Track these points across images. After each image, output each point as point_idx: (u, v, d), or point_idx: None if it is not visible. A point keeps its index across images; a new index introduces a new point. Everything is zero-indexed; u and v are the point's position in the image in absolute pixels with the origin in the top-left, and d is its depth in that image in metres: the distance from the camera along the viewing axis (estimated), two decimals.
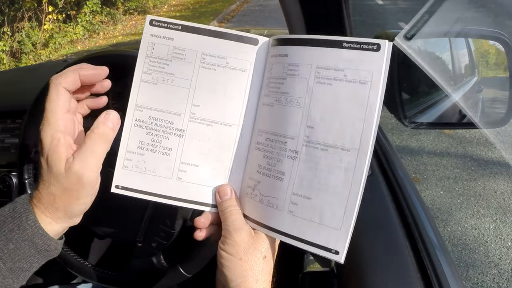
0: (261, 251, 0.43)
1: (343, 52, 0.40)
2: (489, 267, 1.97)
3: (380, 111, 0.38)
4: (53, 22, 7.17)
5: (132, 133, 0.46)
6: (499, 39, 0.69)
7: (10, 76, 1.52)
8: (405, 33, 0.37)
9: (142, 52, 0.46)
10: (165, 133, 0.46)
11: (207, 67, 0.46)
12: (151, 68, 0.46)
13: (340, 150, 0.39)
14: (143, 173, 0.46)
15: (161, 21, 0.46)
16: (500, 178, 2.59)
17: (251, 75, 0.46)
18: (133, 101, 0.46)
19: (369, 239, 0.57)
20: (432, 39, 0.39)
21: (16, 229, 0.39)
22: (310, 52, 0.42)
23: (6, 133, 1.02)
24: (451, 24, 0.36)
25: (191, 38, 0.46)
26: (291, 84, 0.43)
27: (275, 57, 0.45)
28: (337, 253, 0.39)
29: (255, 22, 7.91)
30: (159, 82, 0.46)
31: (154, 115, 0.46)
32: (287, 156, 0.42)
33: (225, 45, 0.46)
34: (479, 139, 3.01)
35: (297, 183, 0.41)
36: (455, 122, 0.86)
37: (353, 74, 0.39)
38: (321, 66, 0.41)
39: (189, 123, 0.46)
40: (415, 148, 2.99)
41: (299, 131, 0.41)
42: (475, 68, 0.80)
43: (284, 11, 0.73)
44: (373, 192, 0.64)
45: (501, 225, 2.22)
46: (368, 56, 0.39)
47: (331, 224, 0.39)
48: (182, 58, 0.46)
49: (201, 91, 0.46)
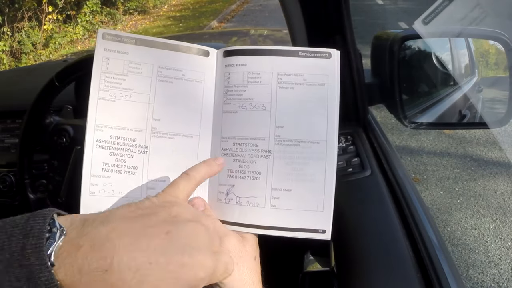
0: (251, 253, 0.43)
1: (300, 60, 0.45)
2: (489, 267, 1.97)
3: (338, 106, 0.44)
4: (53, 22, 7.17)
5: (95, 155, 0.43)
6: (499, 39, 0.69)
7: (10, 76, 1.52)
8: (423, 18, 0.39)
9: (96, 68, 0.44)
10: (128, 151, 0.44)
11: (164, 80, 0.45)
12: (107, 85, 0.44)
13: (311, 143, 0.44)
14: (112, 196, 0.43)
15: (114, 35, 0.44)
16: (500, 178, 2.59)
17: (207, 86, 0.47)
18: (92, 121, 0.43)
19: (369, 239, 0.57)
20: (433, 39, 0.39)
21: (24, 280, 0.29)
22: (269, 60, 0.46)
23: (6, 133, 1.02)
24: (470, 11, 0.37)
25: (146, 51, 0.45)
26: (254, 91, 0.45)
27: (231, 66, 0.46)
28: (324, 231, 0.43)
29: (255, 22, 7.91)
30: (117, 99, 0.44)
31: (115, 133, 0.44)
32: (260, 156, 0.45)
33: (180, 58, 0.46)
34: (479, 139, 3.01)
35: (276, 178, 0.44)
36: (455, 122, 0.86)
37: (311, 78, 0.45)
38: (281, 73, 0.45)
39: (151, 138, 0.44)
40: (415, 148, 2.99)
41: (269, 132, 0.45)
42: (475, 68, 0.80)
43: (284, 11, 0.73)
44: (373, 192, 0.64)
45: (501, 225, 2.22)
46: (322, 63, 0.45)
47: (314, 208, 0.43)
48: (139, 72, 0.44)
49: (161, 104, 0.45)
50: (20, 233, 0.29)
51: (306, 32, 0.72)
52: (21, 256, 0.28)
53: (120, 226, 0.31)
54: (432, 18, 0.39)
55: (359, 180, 0.66)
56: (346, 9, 0.67)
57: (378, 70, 0.80)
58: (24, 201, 0.82)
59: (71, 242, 0.29)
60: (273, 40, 2.01)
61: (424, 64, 0.82)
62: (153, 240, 0.31)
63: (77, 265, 0.29)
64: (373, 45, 0.81)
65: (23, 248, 0.28)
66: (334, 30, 0.70)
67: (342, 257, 0.58)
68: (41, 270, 0.28)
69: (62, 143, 0.79)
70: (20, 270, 0.28)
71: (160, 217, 0.33)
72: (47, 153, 0.82)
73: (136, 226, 0.32)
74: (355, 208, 0.62)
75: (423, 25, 0.39)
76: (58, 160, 0.80)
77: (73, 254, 0.29)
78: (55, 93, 0.78)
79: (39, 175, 0.83)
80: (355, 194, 0.64)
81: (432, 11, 0.38)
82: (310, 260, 0.73)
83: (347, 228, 0.59)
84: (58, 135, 0.79)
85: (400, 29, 0.81)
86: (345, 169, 0.69)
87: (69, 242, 0.29)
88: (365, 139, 0.76)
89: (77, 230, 0.30)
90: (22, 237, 0.28)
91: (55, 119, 0.82)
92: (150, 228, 0.32)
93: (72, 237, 0.30)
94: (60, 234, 0.29)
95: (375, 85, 0.79)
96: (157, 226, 0.32)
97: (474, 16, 0.37)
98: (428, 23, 0.39)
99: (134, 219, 0.32)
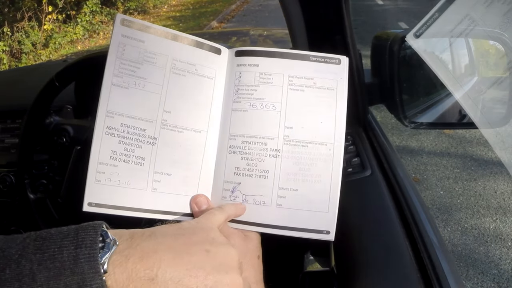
0: (254, 251, 0.44)
1: (311, 64, 0.47)
2: (489, 267, 1.97)
3: (345, 111, 0.46)
4: (53, 22, 7.16)
5: (104, 142, 0.42)
6: (499, 39, 0.69)
7: (10, 76, 1.52)
8: (415, 32, 0.39)
9: (112, 52, 0.43)
10: (137, 141, 0.43)
11: (178, 73, 0.45)
12: (122, 71, 0.43)
13: (318, 145, 0.45)
14: (117, 186, 0.42)
15: (133, 22, 0.44)
16: (500, 178, 2.59)
17: (217, 83, 0.47)
18: (104, 107, 0.42)
19: (369, 239, 0.57)
20: (434, 39, 0.40)
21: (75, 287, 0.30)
22: (281, 63, 0.47)
23: (6, 133, 1.02)
24: (458, 22, 0.37)
25: (162, 42, 0.45)
26: (266, 91, 0.46)
27: (243, 66, 0.47)
28: (328, 232, 0.44)
29: (255, 22, 7.91)
30: (130, 87, 0.43)
31: (126, 122, 0.43)
32: (269, 155, 0.45)
33: (194, 52, 0.46)
34: (479, 139, 3.00)
35: (283, 178, 0.45)
36: (455, 122, 0.86)
37: (321, 82, 0.46)
38: (292, 75, 0.47)
39: (161, 130, 0.44)
40: (415, 148, 2.99)
41: (278, 132, 0.45)
42: (475, 68, 0.80)
43: (284, 11, 0.73)
44: (373, 192, 0.64)
45: (501, 225, 2.22)
46: (332, 68, 0.47)
47: (319, 209, 0.44)
48: (153, 62, 0.44)
49: (172, 97, 0.45)
50: (70, 243, 0.31)
51: (306, 33, 0.72)
52: (73, 265, 0.30)
53: (165, 241, 0.35)
54: (423, 31, 0.39)
55: (359, 180, 0.66)
56: (346, 9, 0.67)
57: (378, 70, 0.80)
58: (24, 201, 0.82)
59: (121, 253, 0.32)
60: (273, 40, 2.01)
61: (424, 64, 0.82)
62: (194, 256, 0.35)
63: (127, 274, 0.31)
64: (373, 45, 0.81)
65: (76, 258, 0.30)
66: (334, 30, 0.70)
67: (342, 257, 0.58)
68: (94, 277, 0.30)
69: (62, 143, 0.79)
70: (72, 277, 0.30)
71: (200, 238, 0.37)
72: (47, 153, 0.82)
73: (180, 243, 0.35)
74: (355, 208, 0.62)
75: (415, 38, 0.40)
76: (58, 160, 0.81)
77: (123, 263, 0.32)
78: (55, 93, 0.78)
79: (39, 175, 0.83)
80: (355, 194, 0.64)
81: (423, 24, 0.39)
82: (310, 260, 0.73)
83: (347, 228, 0.59)
84: (58, 135, 0.79)
85: (400, 29, 0.81)
86: (345, 169, 0.69)
87: (120, 253, 0.32)
88: (365, 139, 0.76)
89: (127, 242, 0.33)
90: (74, 247, 0.31)
91: (55, 119, 0.82)
92: (191, 246, 0.36)
93: (123, 248, 0.32)
94: (112, 245, 0.32)
95: (375, 85, 0.79)
96: (197, 245, 0.36)
97: (464, 27, 0.37)
98: (419, 36, 0.39)
99: (177, 236, 0.36)
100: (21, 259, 0.30)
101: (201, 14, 9.08)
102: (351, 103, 0.77)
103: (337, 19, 0.68)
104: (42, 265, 0.30)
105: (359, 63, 0.74)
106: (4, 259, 0.30)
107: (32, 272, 0.29)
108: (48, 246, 0.30)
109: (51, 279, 0.29)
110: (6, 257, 0.30)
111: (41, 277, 0.29)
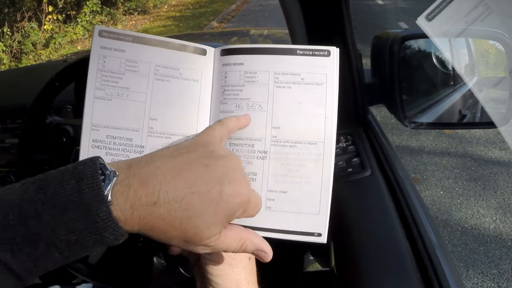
0: (245, 253, 0.43)
1: (298, 58, 0.44)
2: (489, 267, 1.97)
3: (337, 106, 0.43)
4: (53, 22, 7.17)
5: (90, 155, 0.42)
6: (499, 39, 0.69)
7: (10, 76, 1.52)
8: (427, 14, 0.39)
9: (93, 65, 0.43)
10: (124, 151, 0.43)
11: (161, 79, 0.44)
12: (104, 83, 0.43)
13: (308, 145, 0.43)
14: None
15: (111, 32, 0.43)
16: (500, 178, 2.59)
17: (204, 85, 0.46)
18: (88, 121, 0.43)
19: (369, 239, 0.57)
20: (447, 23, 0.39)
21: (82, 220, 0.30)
22: (266, 59, 0.45)
23: (6, 133, 1.02)
24: (474, 7, 0.36)
25: (143, 49, 0.44)
26: (251, 90, 0.45)
27: (228, 65, 0.46)
28: (320, 235, 0.42)
29: (255, 22, 7.91)
30: (113, 98, 0.43)
31: (111, 133, 0.43)
32: (256, 157, 0.44)
33: (177, 56, 0.45)
34: (479, 139, 3.01)
35: (271, 180, 0.43)
36: (455, 122, 0.86)
37: (309, 77, 0.44)
38: (278, 72, 0.44)
39: (148, 138, 0.44)
40: (415, 148, 2.99)
41: (266, 132, 0.44)
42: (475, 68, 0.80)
43: (284, 11, 0.73)
44: (373, 192, 0.64)
45: (501, 225, 2.22)
46: (321, 61, 0.44)
47: (310, 211, 0.42)
48: (136, 71, 0.44)
49: (157, 104, 0.44)
50: (71, 177, 0.30)
51: (306, 33, 0.72)
52: (77, 198, 0.29)
53: (163, 164, 0.34)
54: (436, 15, 0.38)
55: (359, 180, 0.66)
56: (346, 9, 0.67)
57: (378, 70, 0.80)
58: None
59: (121, 183, 0.32)
60: (273, 40, 2.01)
61: (424, 64, 0.82)
62: (194, 173, 0.34)
63: (129, 202, 0.31)
64: (373, 45, 0.81)
65: (79, 190, 0.30)
66: (334, 30, 0.70)
67: (342, 257, 0.58)
68: (99, 206, 0.30)
69: (62, 143, 0.79)
70: (77, 210, 0.29)
71: (199, 153, 0.36)
72: (47, 153, 0.82)
73: (178, 162, 0.35)
74: (355, 208, 0.62)
75: (426, 22, 0.39)
76: (58, 160, 0.80)
77: (125, 192, 0.31)
78: (55, 93, 0.78)
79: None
80: (355, 194, 0.64)
81: (435, 7, 0.38)
82: (310, 260, 0.73)
83: (347, 228, 0.59)
84: (58, 135, 0.79)
85: (400, 29, 0.81)
86: (345, 169, 0.69)
87: (120, 183, 0.32)
88: (365, 139, 0.76)
89: (125, 172, 0.33)
90: (75, 181, 0.30)
91: (55, 119, 0.82)
92: (190, 163, 0.35)
93: (122, 179, 0.32)
94: (113, 176, 0.32)
95: (375, 85, 0.79)
96: (196, 161, 0.35)
97: (478, 13, 0.36)
98: (432, 20, 0.38)
99: (175, 157, 0.35)
100: (23, 202, 0.29)
101: (201, 14, 9.08)
102: (351, 103, 0.77)
103: (337, 19, 0.68)
104: (46, 203, 0.29)
105: (359, 63, 0.74)
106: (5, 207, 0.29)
107: (37, 213, 0.28)
108: (49, 184, 0.30)
109: (57, 216, 0.29)
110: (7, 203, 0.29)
111: (47, 216, 0.29)
